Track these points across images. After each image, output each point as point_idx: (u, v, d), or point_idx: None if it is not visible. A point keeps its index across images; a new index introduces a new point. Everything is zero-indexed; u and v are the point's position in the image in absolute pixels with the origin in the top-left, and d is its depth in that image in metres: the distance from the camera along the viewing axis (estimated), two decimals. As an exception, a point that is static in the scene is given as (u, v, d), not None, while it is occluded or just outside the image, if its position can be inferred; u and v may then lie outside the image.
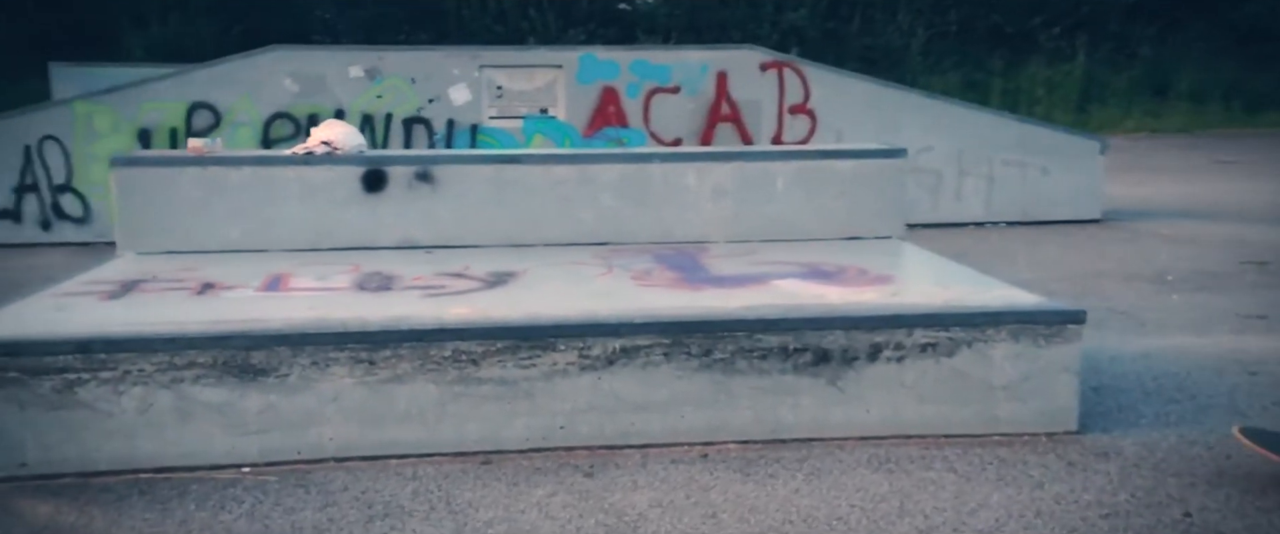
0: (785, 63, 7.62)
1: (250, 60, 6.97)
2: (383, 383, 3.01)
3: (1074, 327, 3.22)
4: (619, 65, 7.28)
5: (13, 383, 2.85)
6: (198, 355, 2.92)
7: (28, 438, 2.88)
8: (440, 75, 7.13)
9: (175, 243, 4.20)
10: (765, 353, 3.15)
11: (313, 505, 2.74)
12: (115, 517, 2.67)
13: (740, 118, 7.49)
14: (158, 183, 4.22)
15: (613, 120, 7.32)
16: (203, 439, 2.95)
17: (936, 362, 3.20)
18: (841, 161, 4.59)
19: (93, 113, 6.83)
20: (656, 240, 4.43)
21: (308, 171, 4.28)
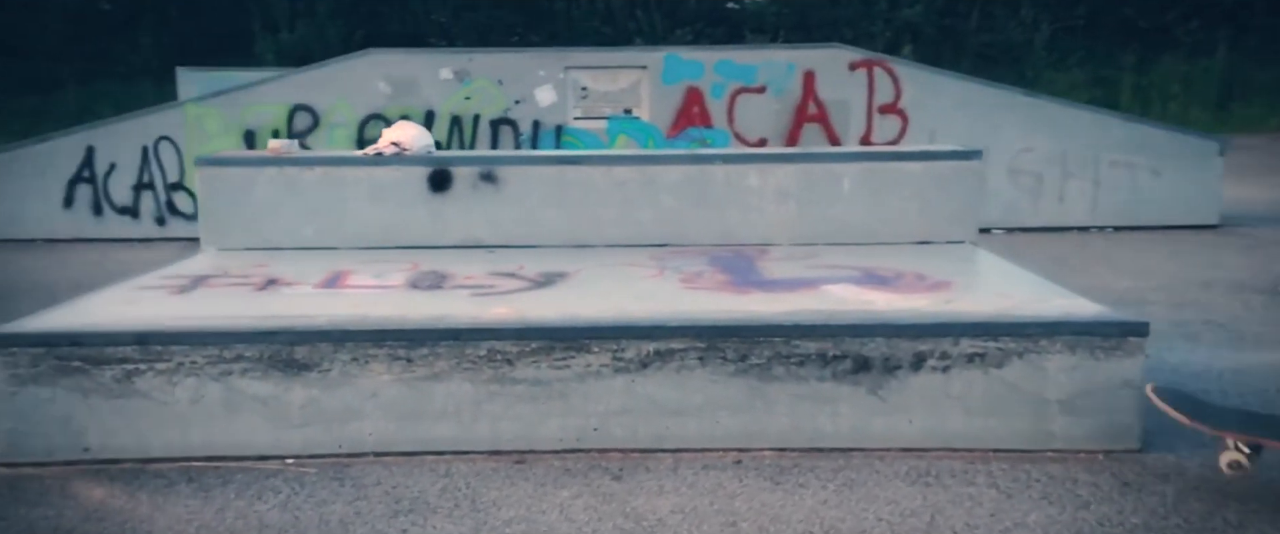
0: (875, 61, 7.45)
1: (346, 64, 7.21)
2: (420, 380, 3.07)
3: (1135, 339, 3.06)
4: (703, 65, 7.24)
5: (77, 372, 3.01)
6: (245, 349, 3.03)
7: (90, 424, 3.04)
8: (527, 77, 7.23)
9: (253, 240, 4.37)
10: (803, 359, 3.08)
11: (344, 498, 2.81)
12: (161, 502, 2.80)
13: (827, 118, 7.35)
14: (238, 182, 4.40)
15: (697, 121, 7.29)
16: (249, 430, 3.06)
17: (985, 372, 3.08)
18: (911, 163, 4.47)
19: (203, 115, 7.17)
20: (718, 242, 4.39)
21: (377, 172, 4.39)
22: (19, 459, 3.04)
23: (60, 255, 6.87)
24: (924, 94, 7.42)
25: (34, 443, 3.04)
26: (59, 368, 3.00)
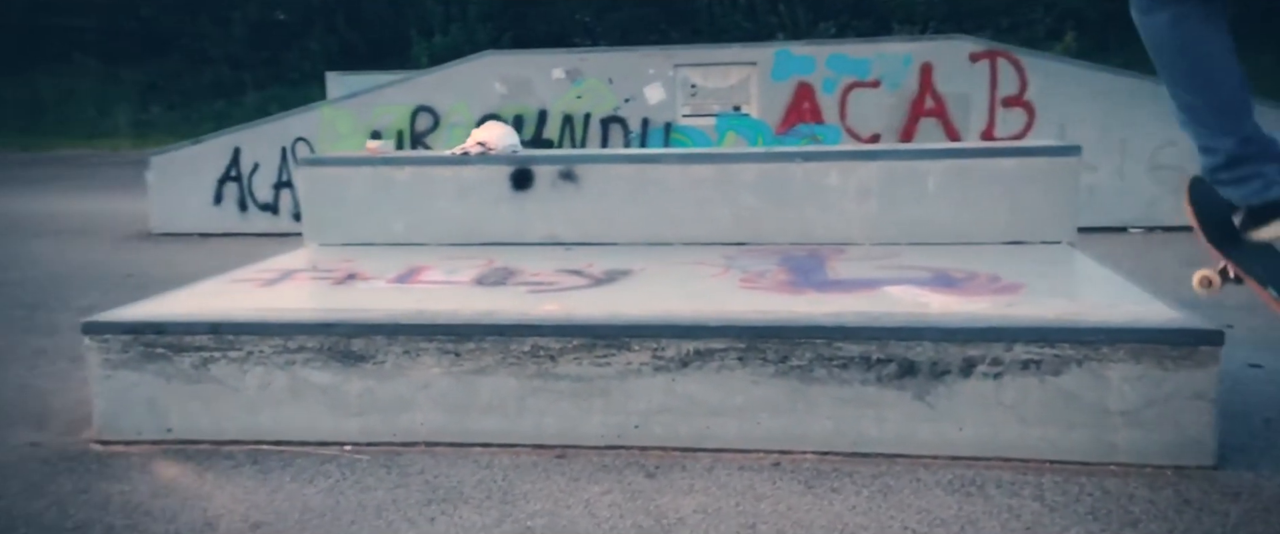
0: (999, 52, 7.16)
1: (465, 66, 7.46)
2: (468, 374, 3.17)
3: (1208, 348, 2.85)
4: (815, 60, 7.14)
5: (160, 358, 3.25)
6: (307, 340, 3.20)
7: (172, 407, 3.28)
8: (636, 75, 7.30)
9: (349, 236, 4.60)
10: (846, 362, 3.02)
11: (386, 485, 2.94)
12: (223, 482, 3.00)
13: (946, 112, 7.12)
14: (335, 181, 4.64)
15: (807, 117, 7.19)
16: (312, 417, 3.23)
17: (1041, 380, 2.94)
18: (1003, 160, 4.29)
19: (336, 117, 7.57)
20: (796, 241, 4.34)
21: (463, 171, 4.55)
22: (112, 438, 3.31)
23: (209, 248, 7.38)
24: (1054, 85, 7.09)
25: (124, 423, 3.30)
26: (145, 354, 3.25)
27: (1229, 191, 2.45)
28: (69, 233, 8.26)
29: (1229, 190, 2.45)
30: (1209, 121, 2.40)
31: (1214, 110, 2.39)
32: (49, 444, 3.34)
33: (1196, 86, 2.40)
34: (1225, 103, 2.38)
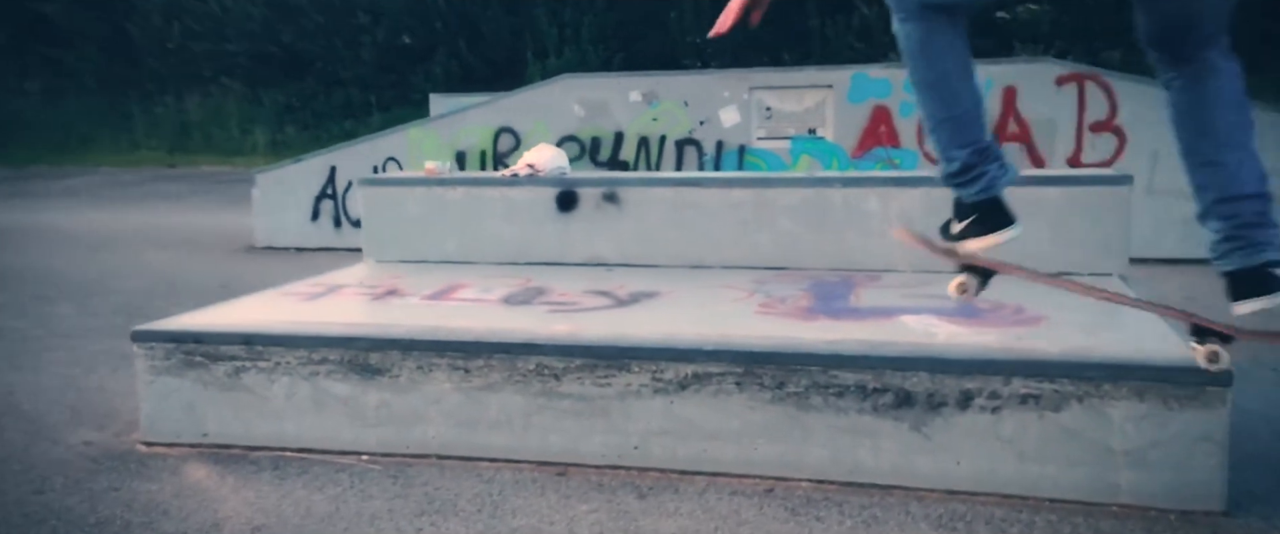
0: (1087, 75, 6.92)
1: (544, 88, 7.65)
2: (476, 390, 3.27)
3: (1216, 389, 2.72)
4: (891, 83, 7.04)
5: (198, 366, 3.47)
6: (329, 353, 3.36)
7: (208, 413, 3.49)
8: (712, 98, 7.35)
9: (405, 253, 4.79)
10: (842, 390, 3.00)
11: (387, 495, 3.06)
12: (241, 485, 3.17)
13: (1030, 137, 6.91)
14: (393, 200, 4.84)
15: (883, 140, 7.10)
16: (333, 427, 3.39)
17: (1040, 416, 2.86)
18: (1050, 189, 4.17)
19: (422, 138, 7.87)
20: (835, 267, 4.31)
21: (511, 192, 4.69)
22: (155, 440, 3.54)
23: (303, 262, 7.73)
24: (1146, 109, 6.80)
25: (165, 426, 3.53)
26: (185, 362, 3.48)
27: (960, 192, 2.61)
28: (183, 244, 8.80)
29: (960, 191, 2.61)
30: (949, 132, 2.54)
31: (953, 122, 2.53)
32: (101, 443, 3.60)
33: (939, 99, 2.53)
34: (963, 116, 2.52)
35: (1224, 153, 2.34)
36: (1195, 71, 2.37)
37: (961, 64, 2.50)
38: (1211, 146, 2.37)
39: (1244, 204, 2.33)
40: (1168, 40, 2.39)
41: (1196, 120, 2.40)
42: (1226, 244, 2.36)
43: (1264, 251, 2.30)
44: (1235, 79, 2.38)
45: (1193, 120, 2.41)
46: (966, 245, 2.68)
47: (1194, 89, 2.39)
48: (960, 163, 2.55)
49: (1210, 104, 2.36)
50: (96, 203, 13.27)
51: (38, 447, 3.60)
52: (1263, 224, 2.31)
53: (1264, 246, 2.30)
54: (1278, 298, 2.30)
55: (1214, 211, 2.38)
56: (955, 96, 2.51)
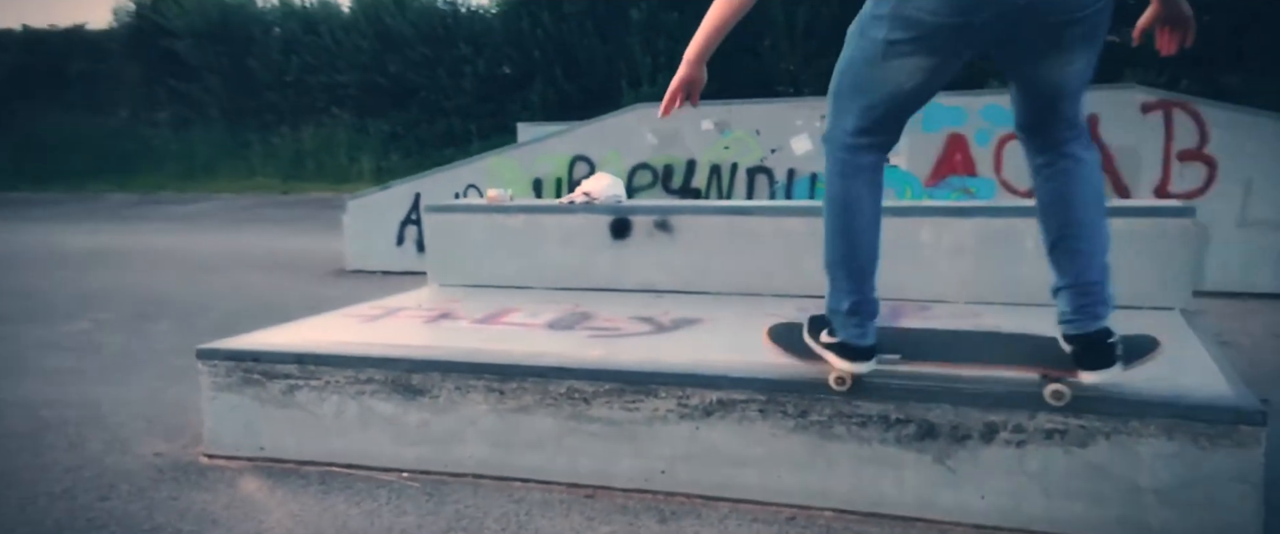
0: (1175, 102, 6.69)
1: (618, 118, 7.77)
2: (511, 412, 3.37)
3: (1250, 428, 2.63)
4: (967, 111, 6.92)
5: (256, 383, 3.65)
6: (375, 373, 3.50)
7: (264, 428, 3.67)
8: (783, 126, 7.35)
9: (467, 277, 4.94)
10: (864, 420, 3.00)
11: (420, 512, 3.17)
12: (287, 498, 3.33)
13: (1113, 166, 6.70)
14: (456, 226, 5.01)
15: (959, 169, 6.98)
16: (377, 444, 3.53)
17: (1066, 451, 2.80)
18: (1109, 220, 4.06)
19: (501, 165, 8.07)
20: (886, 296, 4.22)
21: (568, 219, 4.80)
22: (217, 452, 3.74)
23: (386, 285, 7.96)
24: (1239, 138, 6.54)
25: (227, 439, 3.72)
26: (244, 379, 3.66)
27: (840, 329, 2.90)
28: (281, 267, 9.20)
29: (840, 328, 2.90)
30: (844, 273, 2.84)
31: (850, 268, 2.83)
32: (169, 455, 3.81)
33: (847, 245, 2.83)
34: (861, 267, 2.83)
35: (1085, 242, 2.68)
36: (1063, 164, 2.68)
37: (873, 216, 2.80)
38: (1076, 235, 2.68)
39: (1095, 287, 2.68)
40: (1037, 127, 2.69)
41: (1065, 210, 2.70)
42: (1076, 315, 2.70)
43: (1101, 320, 2.69)
44: (1097, 170, 2.73)
45: (1061, 209, 2.70)
46: (828, 360, 2.95)
47: (1062, 179, 2.69)
48: (849, 305, 2.85)
49: (1077, 197, 2.68)
50: (210, 227, 13.95)
51: (112, 456, 3.83)
52: (1105, 301, 2.70)
53: (1102, 317, 2.70)
54: (1116, 369, 2.70)
55: (1070, 289, 2.71)
56: (858, 246, 2.81)
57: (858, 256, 2.81)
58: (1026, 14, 2.40)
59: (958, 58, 2.59)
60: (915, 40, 2.50)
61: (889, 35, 2.53)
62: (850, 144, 2.73)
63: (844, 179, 2.76)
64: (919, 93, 2.66)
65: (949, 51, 2.55)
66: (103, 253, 10.89)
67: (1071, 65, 2.53)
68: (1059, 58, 2.51)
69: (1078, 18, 2.42)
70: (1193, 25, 2.65)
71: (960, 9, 2.42)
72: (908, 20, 2.48)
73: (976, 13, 2.42)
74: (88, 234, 13.09)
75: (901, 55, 2.54)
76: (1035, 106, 2.66)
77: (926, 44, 2.51)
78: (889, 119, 2.72)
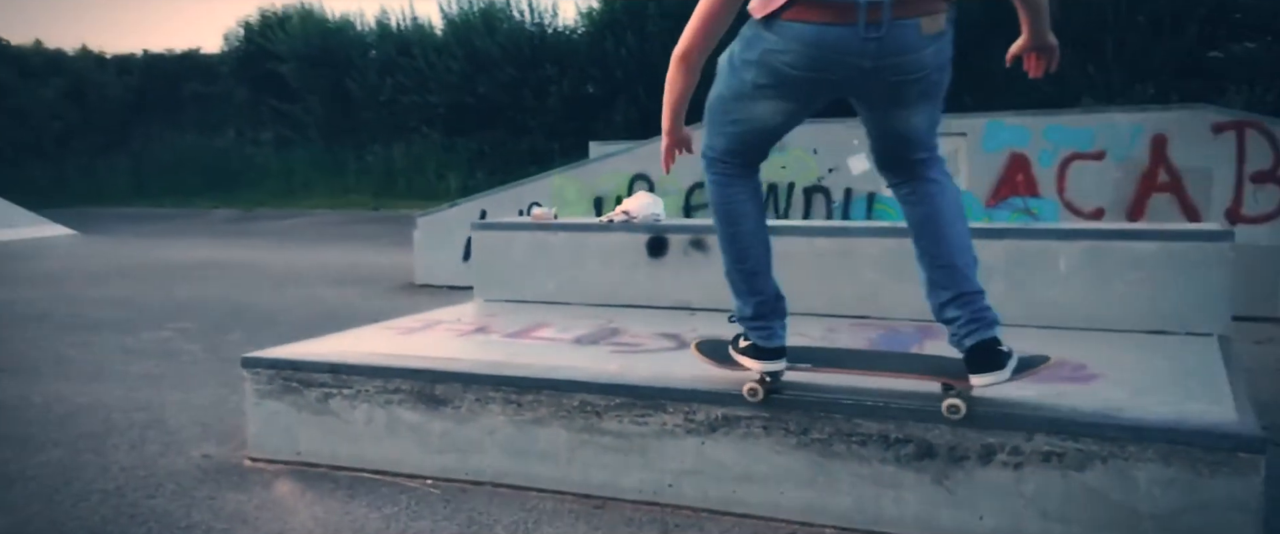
0: (1248, 122, 6.47)
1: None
2: (527, 423, 3.47)
3: (1248, 456, 2.58)
4: (1030, 131, 6.81)
5: (294, 391, 3.84)
6: (402, 383, 3.65)
7: (301, 433, 3.85)
8: (840, 146, 7.33)
9: (510, 293, 5.09)
10: (865, 439, 3.02)
11: (435, 517, 3.29)
12: (314, 501, 3.49)
13: (1182, 187, 6.52)
14: (501, 243, 5.16)
15: (1021, 190, 6.86)
16: (403, 451, 3.67)
17: (1063, 475, 2.78)
18: (1143, 243, 4.01)
19: (565, 184, 8.24)
20: (916, 317, 4.27)
21: (607, 238, 4.90)
22: (259, 456, 3.93)
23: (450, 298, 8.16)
24: (1318, 159, 6.30)
25: (268, 443, 3.91)
26: (284, 386, 3.85)
27: (749, 333, 3.10)
28: (355, 281, 9.53)
29: (749, 333, 3.10)
30: (740, 279, 3.08)
31: (743, 273, 3.07)
32: (217, 457, 4.03)
33: (734, 252, 3.07)
34: (751, 270, 3.06)
35: (956, 257, 2.86)
36: (925, 189, 2.90)
37: (755, 224, 3.05)
38: (946, 252, 2.87)
39: (973, 298, 2.83)
40: (895, 162, 2.94)
41: (932, 230, 2.90)
42: (964, 328, 2.83)
43: (991, 329, 2.81)
44: (956, 193, 2.96)
45: (929, 230, 2.90)
46: (745, 364, 3.12)
47: (925, 204, 2.90)
48: (751, 310, 3.08)
49: (942, 217, 2.88)
50: (299, 242, 14.48)
51: (166, 457, 4.06)
52: (986, 308, 2.84)
53: (990, 325, 2.82)
54: (1003, 374, 2.80)
55: (954, 304, 2.85)
56: (746, 252, 3.04)
57: (748, 262, 3.04)
58: (872, 75, 2.67)
59: (815, 102, 2.87)
60: (778, 87, 2.78)
61: (757, 80, 2.80)
62: (724, 162, 3.01)
63: (722, 190, 3.03)
64: (783, 127, 2.94)
65: (807, 98, 2.84)
66: (197, 266, 11.42)
67: (914, 117, 2.82)
68: (903, 111, 2.80)
69: (914, 78, 2.70)
70: (1057, 53, 2.96)
71: (816, 67, 2.69)
72: (773, 70, 2.74)
73: (830, 72, 2.69)
74: (188, 248, 13.72)
75: (767, 98, 2.82)
76: (888, 147, 2.93)
77: (788, 91, 2.79)
78: (754, 146, 3.01)
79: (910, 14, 2.60)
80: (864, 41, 2.60)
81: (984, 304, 2.84)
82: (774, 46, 2.70)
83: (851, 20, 2.59)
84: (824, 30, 2.62)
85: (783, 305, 3.09)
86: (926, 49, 2.64)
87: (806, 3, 2.62)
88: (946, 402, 2.87)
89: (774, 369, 3.08)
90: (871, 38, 2.59)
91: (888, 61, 2.63)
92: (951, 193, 2.93)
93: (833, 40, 2.62)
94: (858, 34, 2.59)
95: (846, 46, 2.61)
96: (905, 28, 2.60)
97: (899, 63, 2.64)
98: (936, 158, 2.94)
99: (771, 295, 3.07)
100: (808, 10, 2.62)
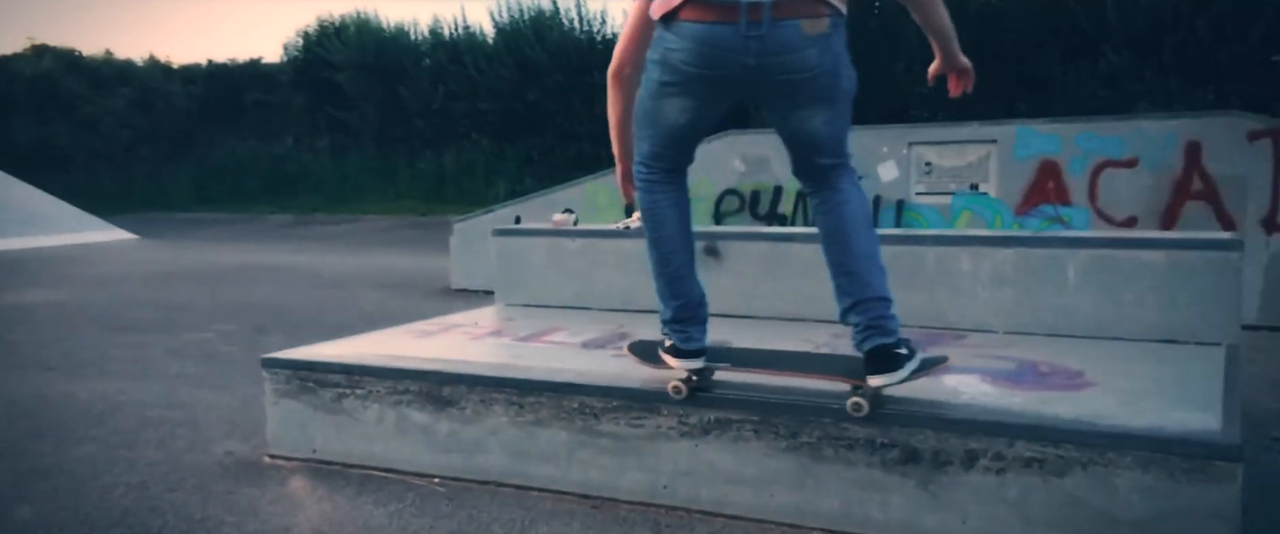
0: (1283, 129, 6.36)
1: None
2: (528, 424, 3.57)
3: (1225, 464, 2.58)
4: (1061, 138, 6.75)
5: (310, 390, 3.98)
6: (411, 384, 3.77)
7: (316, 432, 3.98)
8: (869, 153, 7.32)
9: (529, 298, 5.19)
10: (851, 443, 3.06)
11: (435, 515, 3.40)
12: (324, 497, 3.62)
13: (1217, 195, 6.41)
14: (521, 249, 5.27)
15: (1052, 197, 6.80)
16: (413, 450, 3.79)
17: (1044, 481, 2.80)
18: (1151, 252, 3.98)
19: (597, 190, 8.34)
20: (927, 324, 4.30)
21: (623, 244, 4.98)
22: (277, 453, 4.07)
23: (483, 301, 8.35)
24: (1357, 165, 6.16)
25: (286, 441, 4.05)
26: (300, 386, 3.99)
27: (670, 335, 3.25)
28: (395, 285, 9.73)
29: (670, 334, 3.25)
30: (664, 283, 3.22)
31: (667, 277, 3.21)
32: (239, 454, 4.18)
33: (659, 256, 3.21)
34: (675, 274, 3.20)
35: (860, 264, 2.99)
36: (833, 198, 3.05)
37: (677, 229, 3.19)
38: (851, 260, 3.00)
39: (876, 304, 2.95)
40: (806, 168, 3.09)
41: (839, 239, 3.03)
42: (864, 333, 2.96)
43: (891, 336, 2.93)
44: (864, 204, 3.08)
45: (836, 238, 3.04)
46: (668, 363, 3.27)
47: (834, 213, 3.05)
48: (671, 313, 3.22)
49: (848, 226, 3.02)
50: (347, 246, 14.80)
51: (192, 453, 4.22)
52: (889, 316, 2.96)
53: (891, 332, 2.94)
54: (898, 375, 2.92)
55: (854, 310, 2.98)
56: (669, 256, 3.18)
57: (670, 265, 3.19)
58: (758, 72, 2.81)
59: (718, 101, 3.00)
60: (680, 84, 2.92)
61: (661, 78, 2.95)
62: (648, 165, 3.17)
63: (646, 195, 3.20)
64: (692, 127, 3.07)
65: (706, 96, 2.96)
66: (246, 269, 11.74)
67: (812, 119, 2.94)
68: (800, 112, 2.93)
69: (801, 78, 2.82)
70: (971, 74, 3.24)
71: (707, 64, 2.84)
72: (672, 67, 2.90)
73: (717, 69, 2.84)
74: (240, 251, 14.10)
75: (670, 95, 2.97)
76: (798, 153, 3.07)
77: (687, 88, 2.93)
78: (673, 147, 3.13)
79: (790, 15, 2.75)
80: (746, 39, 2.76)
81: (883, 312, 2.95)
82: (672, 45, 2.87)
83: (734, 19, 2.76)
84: (711, 28, 2.79)
85: (703, 311, 3.24)
86: (809, 49, 2.78)
87: (696, 3, 2.80)
88: (851, 400, 3.00)
89: (693, 367, 3.23)
90: (753, 36, 2.75)
91: (771, 60, 2.78)
92: (857, 204, 3.05)
93: (718, 38, 2.78)
94: (740, 32, 2.75)
95: (731, 44, 2.77)
96: (786, 27, 2.75)
97: (783, 61, 2.78)
98: (846, 168, 3.08)
99: (692, 300, 3.22)
100: (697, 10, 2.80)
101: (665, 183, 3.18)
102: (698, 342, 3.22)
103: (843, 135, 3.03)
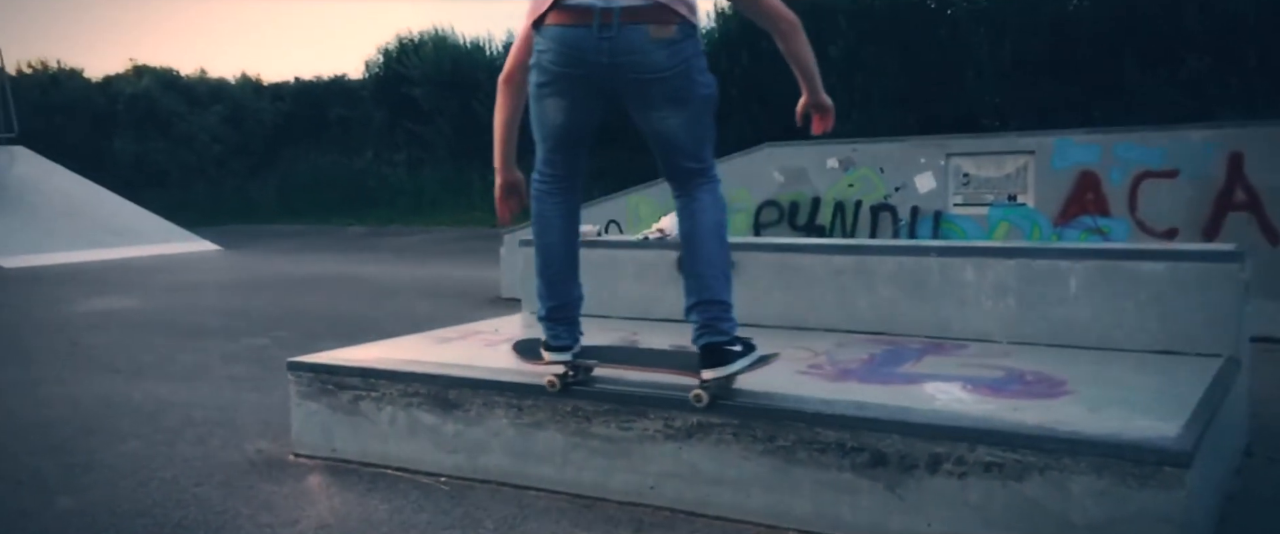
0: (1330, 137, 6.20)
1: (747, 156, 7.99)
2: (527, 426, 3.72)
3: (1172, 471, 2.61)
4: (1100, 149, 6.67)
5: (330, 393, 4.20)
6: (420, 388, 3.96)
7: (335, 432, 4.20)
8: (908, 164, 7.33)
9: (554, 307, 5.35)
10: (824, 447, 3.15)
11: (434, 511, 3.57)
12: (335, 493, 3.82)
13: (1261, 206, 6.27)
14: (547, 260, 5.43)
15: (1090, 208, 6.72)
16: (422, 450, 3.97)
17: (1003, 484, 2.86)
18: (1151, 263, 3.97)
19: (639, 202, 8.48)
20: (931, 335, 4.35)
21: (641, 254, 5.12)
22: (300, 451, 4.30)
23: (539, 315, 8.60)
24: None
25: (308, 440, 4.28)
26: (321, 389, 4.22)
27: (545, 332, 3.57)
28: (449, 294, 10.02)
29: (544, 332, 3.57)
30: (543, 284, 3.51)
31: (546, 279, 3.50)
32: (267, 452, 4.42)
33: (540, 258, 3.50)
34: (553, 277, 3.51)
35: (705, 269, 3.29)
36: (691, 206, 3.34)
37: (560, 236, 3.49)
38: (698, 265, 3.30)
39: (714, 306, 3.26)
40: (671, 170, 3.34)
41: (691, 244, 3.33)
42: (702, 330, 3.27)
43: (724, 335, 3.25)
44: (718, 215, 3.34)
45: (689, 243, 3.34)
46: (544, 357, 3.57)
47: (689, 221, 3.35)
48: (546, 311, 3.53)
49: (700, 235, 3.31)
50: (417, 257, 15.21)
51: (224, 451, 4.48)
52: (725, 318, 3.27)
53: (724, 333, 3.26)
54: (726, 370, 3.25)
55: (695, 309, 3.29)
56: (550, 260, 3.49)
57: (551, 268, 3.48)
58: (613, 71, 3.10)
59: (588, 99, 3.24)
60: (551, 84, 3.21)
61: (537, 79, 3.25)
62: (539, 173, 3.46)
63: (536, 201, 3.48)
64: (570, 127, 3.31)
65: (575, 95, 3.22)
66: (315, 278, 12.18)
67: (667, 120, 3.20)
68: (655, 112, 3.20)
69: (653, 78, 3.10)
70: (832, 113, 3.72)
71: (568, 62, 3.14)
72: (543, 68, 3.20)
73: (579, 67, 3.13)
74: (314, 262, 14.60)
75: (547, 96, 3.25)
76: (661, 153, 3.31)
77: (557, 87, 3.21)
78: (557, 152, 3.39)
79: (638, 21, 3.06)
80: (599, 40, 3.06)
81: (719, 314, 3.26)
82: (541, 47, 3.18)
83: (588, 22, 3.07)
84: (569, 30, 3.10)
85: (575, 313, 3.55)
86: (657, 51, 3.06)
87: (558, 8, 3.12)
88: (692, 391, 3.30)
89: (558, 359, 3.54)
90: (605, 37, 3.06)
91: (623, 59, 3.07)
92: (711, 215, 3.32)
93: (575, 38, 3.09)
94: (593, 33, 3.06)
95: (586, 44, 3.08)
96: (634, 31, 3.05)
97: (633, 61, 3.07)
98: (710, 176, 3.33)
99: (567, 302, 3.53)
100: (559, 14, 3.12)
101: (556, 192, 3.46)
102: (565, 339, 3.52)
103: (703, 140, 3.28)
